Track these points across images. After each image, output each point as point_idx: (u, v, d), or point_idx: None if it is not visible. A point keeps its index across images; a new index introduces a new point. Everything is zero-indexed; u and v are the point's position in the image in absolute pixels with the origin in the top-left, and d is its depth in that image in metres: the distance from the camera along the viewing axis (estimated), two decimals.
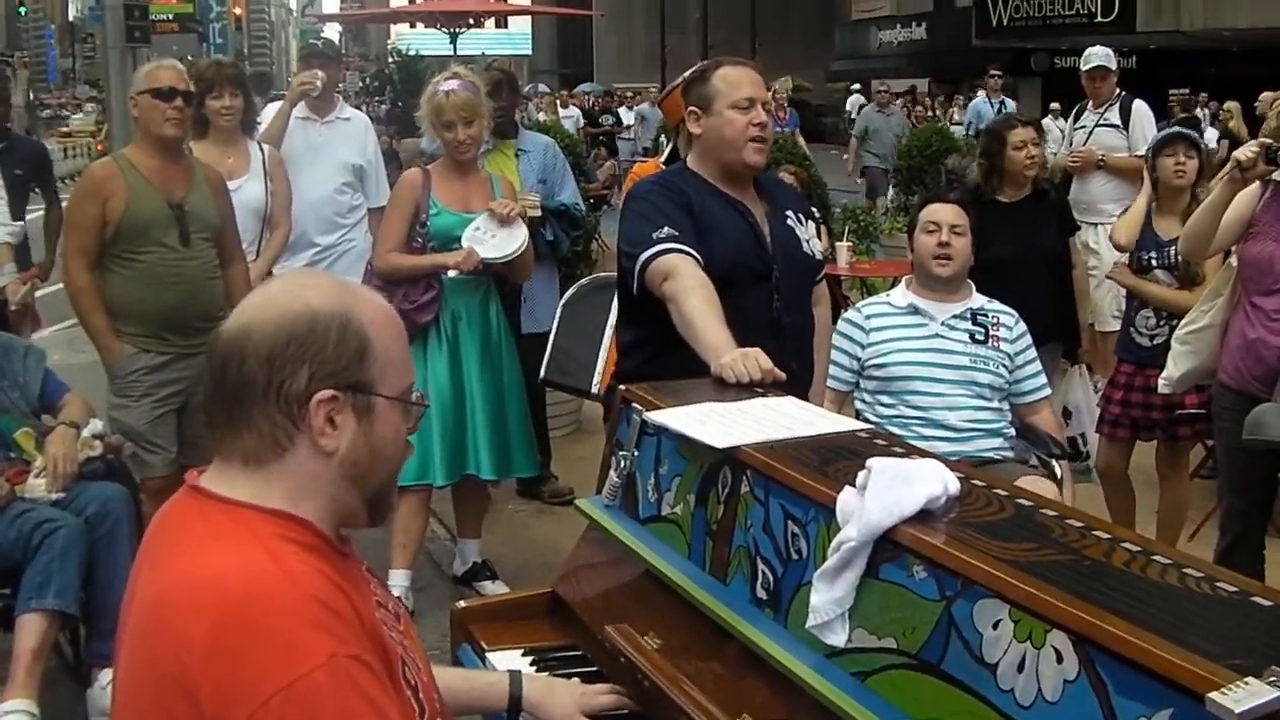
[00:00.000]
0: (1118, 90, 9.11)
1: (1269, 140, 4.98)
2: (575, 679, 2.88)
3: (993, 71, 19.70)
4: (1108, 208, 8.66)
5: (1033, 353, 5.03)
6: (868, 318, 5.02)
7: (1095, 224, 8.63)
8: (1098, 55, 9.06)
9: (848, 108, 27.15)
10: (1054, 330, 6.35)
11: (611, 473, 3.19)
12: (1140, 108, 8.98)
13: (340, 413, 1.93)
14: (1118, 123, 8.91)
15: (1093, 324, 7.61)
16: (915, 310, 4.97)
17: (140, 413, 5.29)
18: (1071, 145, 9.18)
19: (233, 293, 5.40)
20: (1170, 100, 21.87)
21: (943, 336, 4.91)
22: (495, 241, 5.53)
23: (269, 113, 7.47)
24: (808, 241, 4.29)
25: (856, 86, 29.74)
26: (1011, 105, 18.71)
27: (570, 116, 25.35)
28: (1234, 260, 5.06)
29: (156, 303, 5.28)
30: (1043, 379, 5.09)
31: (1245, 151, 4.89)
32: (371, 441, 1.97)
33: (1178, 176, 6.06)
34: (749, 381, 3.32)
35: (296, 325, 1.90)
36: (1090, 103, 9.23)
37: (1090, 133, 9.02)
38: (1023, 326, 5.02)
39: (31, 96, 58.52)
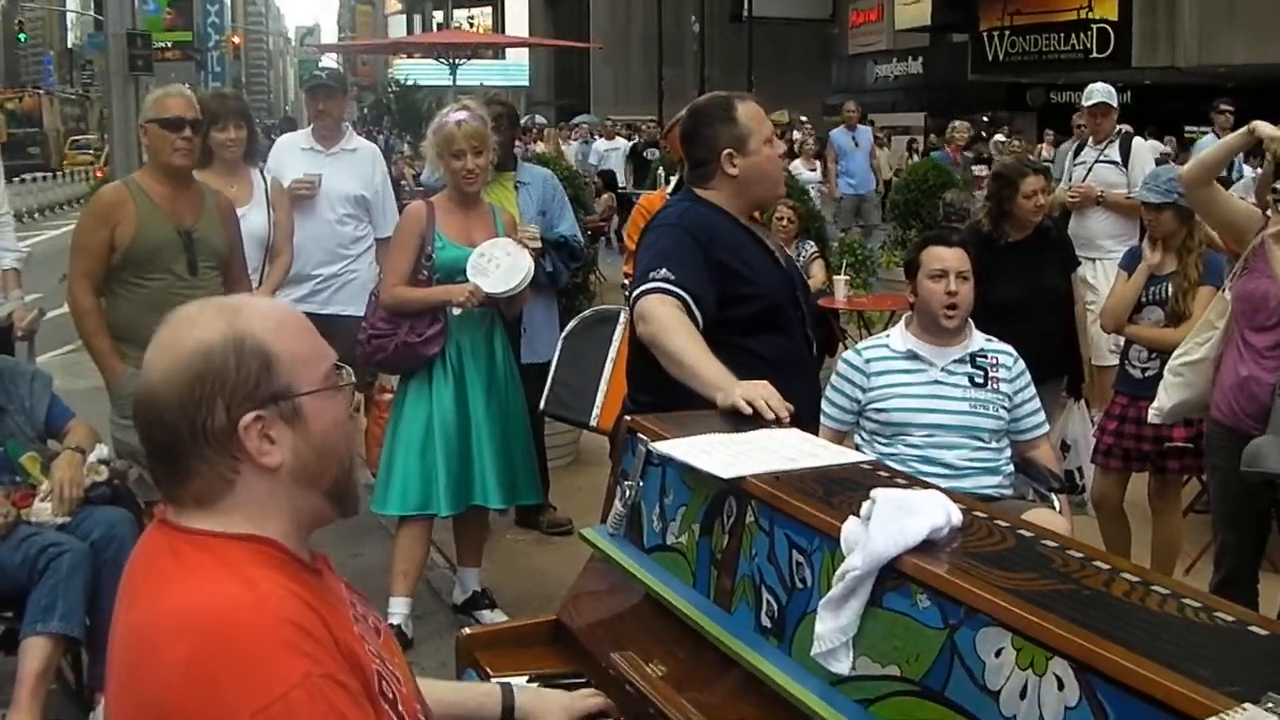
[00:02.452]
0: (1118, 127, 9.16)
1: None
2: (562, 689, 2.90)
3: (1223, 106, 14.80)
4: (1106, 244, 8.72)
5: (1031, 390, 5.05)
6: (867, 361, 5.02)
7: (1094, 259, 8.67)
8: (1100, 92, 9.10)
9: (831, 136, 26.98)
10: (1057, 367, 6.39)
11: (616, 502, 3.21)
12: (1140, 145, 9.03)
13: (271, 427, 1.93)
14: (1117, 159, 8.95)
15: (1090, 359, 7.64)
16: (915, 356, 4.97)
17: None
18: (1070, 181, 9.22)
19: None
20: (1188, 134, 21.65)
21: (942, 383, 4.93)
22: (500, 274, 5.56)
23: (283, 143, 7.49)
24: (804, 267, 4.38)
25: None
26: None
27: (615, 149, 24.99)
28: (1227, 293, 5.09)
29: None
30: (1041, 416, 5.12)
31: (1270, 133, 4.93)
32: (313, 441, 1.97)
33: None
34: (773, 418, 3.35)
35: (194, 366, 1.89)
36: (1090, 139, 9.28)
37: (1090, 169, 9.06)
38: (1021, 365, 5.04)
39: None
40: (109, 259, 5.30)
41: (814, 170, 19.06)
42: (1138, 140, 9.06)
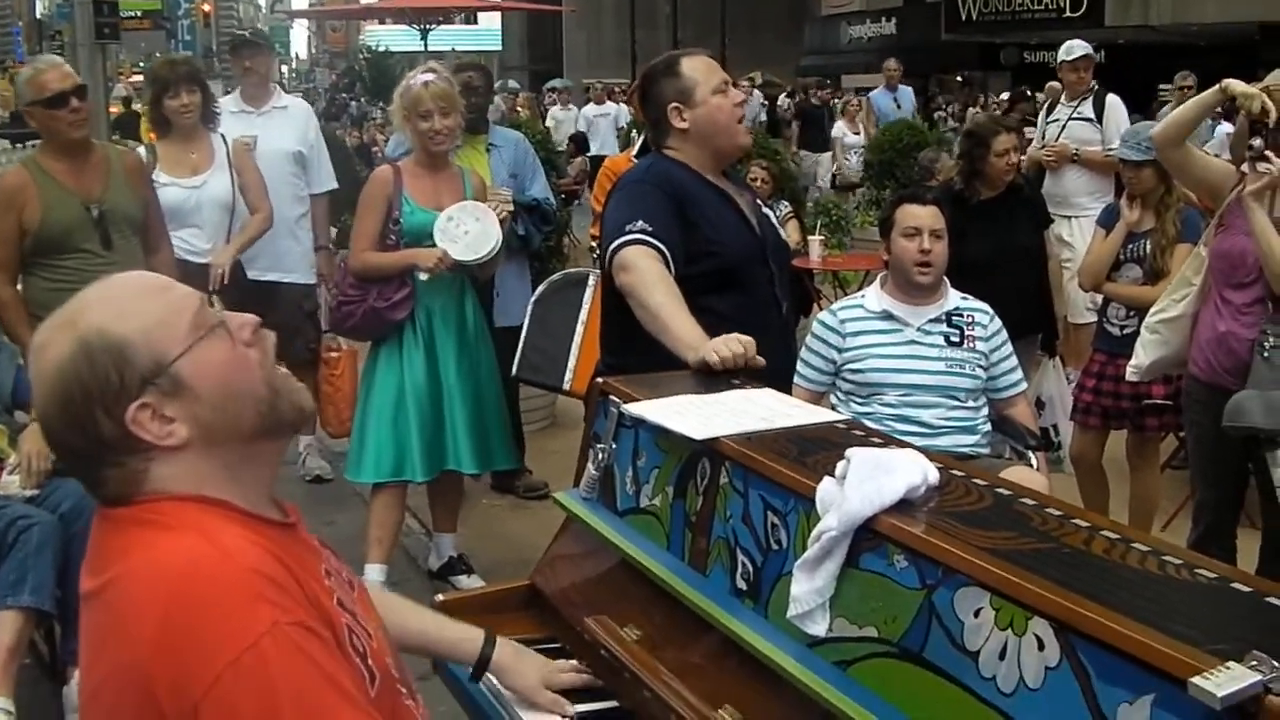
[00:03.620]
0: (1092, 84, 9.14)
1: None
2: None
3: (1184, 82, 13.74)
4: (1081, 201, 8.71)
5: (1008, 348, 5.02)
6: (843, 322, 4.98)
7: (1069, 217, 8.67)
8: (1080, 46, 9.09)
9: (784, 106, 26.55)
10: (1031, 324, 6.37)
11: (589, 465, 3.18)
12: (1114, 101, 9.00)
13: (161, 407, 1.86)
14: (1091, 116, 8.92)
15: (1066, 316, 7.64)
16: (890, 316, 4.94)
17: None
18: (1044, 139, 9.20)
19: None
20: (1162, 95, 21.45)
21: (918, 342, 4.89)
22: (469, 239, 5.50)
23: (226, 103, 7.35)
24: (781, 227, 4.34)
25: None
26: None
27: (605, 114, 23.09)
28: (1203, 250, 5.07)
29: None
30: (1018, 374, 5.10)
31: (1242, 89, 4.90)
32: (209, 398, 1.89)
33: None
34: (733, 365, 3.32)
35: (57, 390, 1.85)
36: (1064, 95, 9.25)
37: (1064, 126, 9.04)
38: (998, 323, 5.01)
39: None
40: (21, 245, 5.24)
41: (859, 134, 17.47)
42: (1112, 97, 9.03)
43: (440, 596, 3.36)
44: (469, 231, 5.52)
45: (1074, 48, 9.11)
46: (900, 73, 17.62)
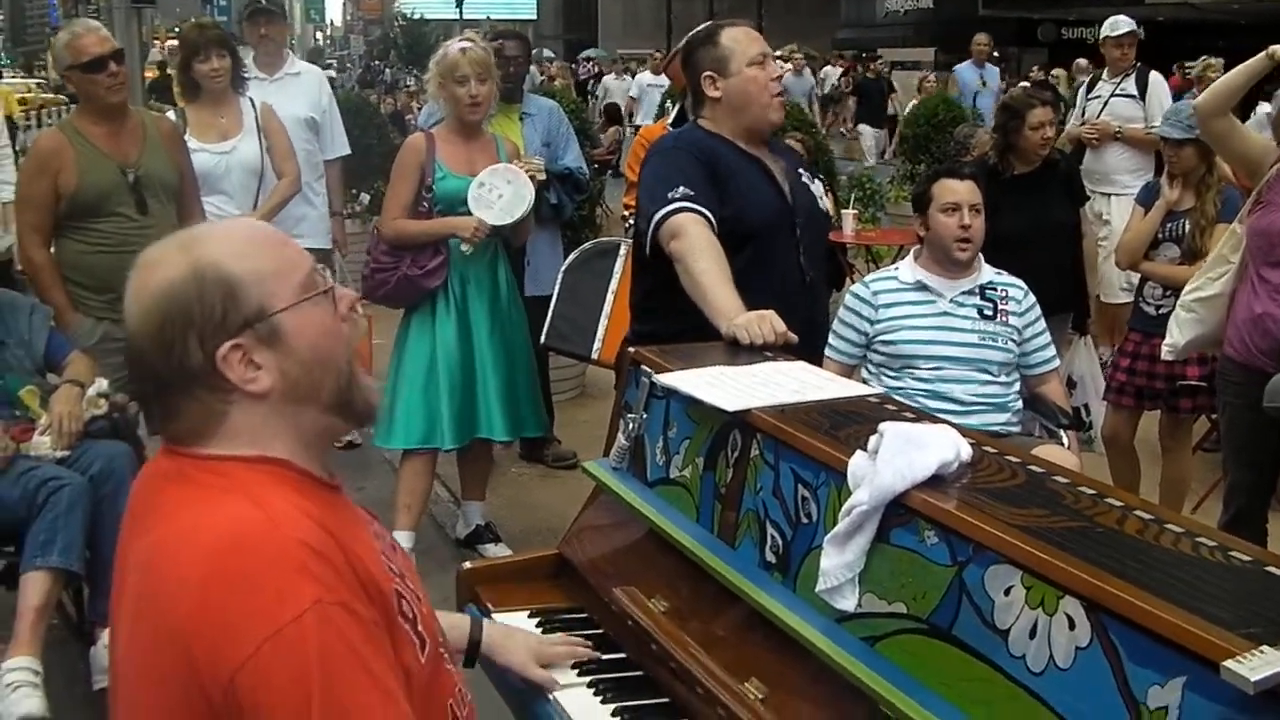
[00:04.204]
0: (1135, 61, 9.06)
1: None
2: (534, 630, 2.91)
3: (1209, 61, 12.24)
4: (1122, 178, 8.65)
5: (1041, 324, 4.99)
6: (875, 294, 4.95)
7: (1109, 194, 8.61)
8: (1125, 22, 9.00)
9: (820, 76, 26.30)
10: (1064, 302, 6.33)
11: (619, 435, 3.18)
12: (1157, 79, 8.93)
13: (253, 353, 1.88)
14: (1135, 93, 8.85)
15: (1099, 295, 7.59)
16: (923, 287, 4.91)
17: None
18: (1085, 115, 9.12)
19: None
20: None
21: (951, 314, 4.87)
22: (502, 203, 5.49)
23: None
24: (821, 198, 4.33)
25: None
26: None
27: (660, 85, 21.56)
28: (1239, 227, 5.02)
29: (118, 272, 5.21)
30: (1051, 350, 5.07)
31: None
32: (300, 356, 1.92)
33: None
34: (762, 344, 3.32)
35: (160, 308, 1.86)
36: (1105, 72, 9.18)
37: (1105, 103, 8.97)
38: (1032, 299, 4.98)
39: None
40: (55, 208, 5.24)
41: None
42: (1155, 74, 8.95)
43: (467, 564, 3.37)
44: (502, 195, 5.51)
45: (1119, 23, 9.02)
46: (989, 48, 16.24)
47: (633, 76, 25.07)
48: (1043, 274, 5.44)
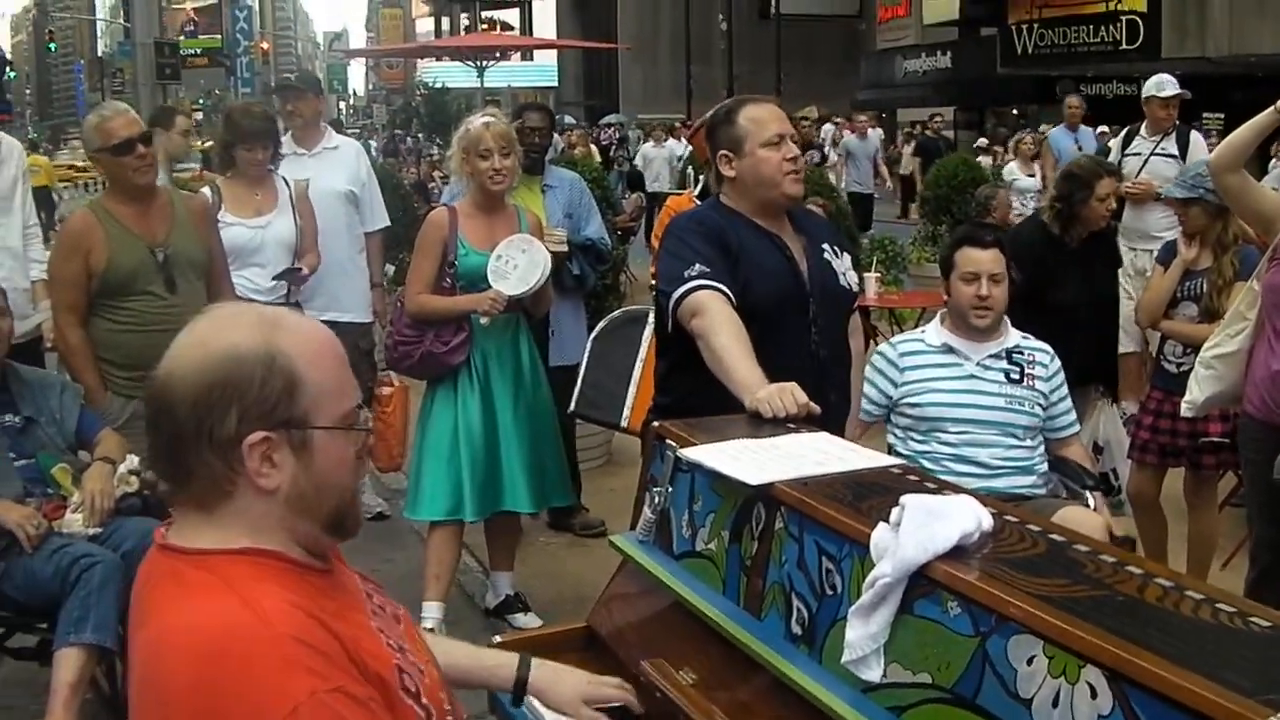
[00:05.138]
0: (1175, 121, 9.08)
1: None
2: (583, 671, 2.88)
3: (1208, 118, 13.87)
4: (1164, 236, 8.63)
5: (1065, 389, 5.03)
6: (901, 355, 4.99)
7: (1151, 250, 8.63)
8: (1172, 83, 9.00)
9: (820, 136, 26.24)
10: (1105, 374, 6.36)
11: (645, 508, 3.20)
12: (1198, 139, 8.95)
13: (276, 451, 1.90)
14: (1175, 153, 8.87)
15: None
16: (950, 350, 4.94)
17: None
18: (1124, 172, 9.15)
19: None
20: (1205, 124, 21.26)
21: (978, 378, 4.89)
22: (518, 273, 5.53)
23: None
24: (844, 274, 4.33)
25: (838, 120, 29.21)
26: None
27: (662, 151, 23.16)
28: (1256, 284, 5.04)
29: (146, 350, 5.24)
30: (1073, 415, 5.09)
31: None
32: (313, 475, 1.95)
33: None
34: (785, 416, 3.35)
35: (220, 368, 1.88)
36: (1144, 129, 9.20)
37: (1145, 161, 9.00)
38: (1058, 364, 5.01)
39: None
40: (88, 288, 5.28)
41: (1033, 175, 15.11)
42: (1195, 134, 8.97)
43: (498, 638, 3.38)
44: (517, 265, 5.55)
45: (1165, 83, 9.02)
46: (1082, 111, 14.49)
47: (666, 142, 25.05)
48: (1089, 345, 5.48)
